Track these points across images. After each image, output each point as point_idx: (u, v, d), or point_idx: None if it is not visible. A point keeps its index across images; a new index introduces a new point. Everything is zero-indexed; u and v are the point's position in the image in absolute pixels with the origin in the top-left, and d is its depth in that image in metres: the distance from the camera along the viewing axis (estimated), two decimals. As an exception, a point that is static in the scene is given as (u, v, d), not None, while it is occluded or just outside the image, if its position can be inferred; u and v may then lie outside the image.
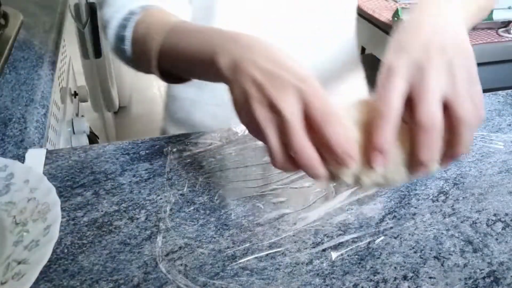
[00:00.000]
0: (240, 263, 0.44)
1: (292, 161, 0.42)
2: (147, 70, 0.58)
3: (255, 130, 0.43)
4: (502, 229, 0.49)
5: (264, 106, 0.41)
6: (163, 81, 0.59)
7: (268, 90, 0.41)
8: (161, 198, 0.52)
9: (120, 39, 0.62)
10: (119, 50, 0.63)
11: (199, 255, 0.45)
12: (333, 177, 0.42)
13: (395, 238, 0.47)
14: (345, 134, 0.40)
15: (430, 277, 0.43)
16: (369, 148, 0.41)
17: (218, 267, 0.43)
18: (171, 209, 0.50)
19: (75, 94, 1.24)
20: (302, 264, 0.44)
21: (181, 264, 0.44)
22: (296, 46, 0.73)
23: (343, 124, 0.40)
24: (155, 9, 0.61)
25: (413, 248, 0.46)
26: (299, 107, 0.40)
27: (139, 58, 0.60)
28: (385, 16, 1.52)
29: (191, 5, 0.71)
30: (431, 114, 0.39)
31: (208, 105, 0.77)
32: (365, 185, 0.43)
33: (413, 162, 0.42)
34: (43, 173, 0.55)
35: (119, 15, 0.62)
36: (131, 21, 0.60)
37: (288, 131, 0.40)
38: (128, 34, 0.60)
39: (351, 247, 0.46)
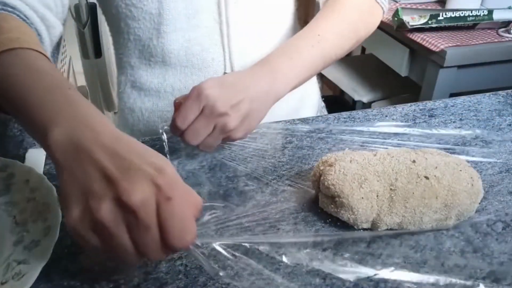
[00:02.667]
0: (240, 263, 0.44)
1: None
2: None
3: (98, 233, 0.35)
4: (502, 229, 0.49)
5: (112, 202, 0.34)
6: None
7: (119, 183, 0.34)
8: (161, 198, 0.52)
9: None
10: None
11: (199, 255, 0.45)
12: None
13: (395, 238, 0.47)
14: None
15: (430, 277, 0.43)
16: None
17: (218, 267, 0.43)
18: (171, 209, 0.50)
19: (75, 94, 1.23)
20: (302, 264, 0.44)
21: (181, 264, 0.44)
22: (240, 34, 0.70)
23: (194, 233, 0.37)
24: (10, 14, 0.50)
25: (413, 248, 0.46)
26: (154, 204, 0.34)
27: None
28: (385, 16, 1.52)
29: None
30: None
31: (168, 112, 0.74)
32: (381, 229, 0.47)
33: None
34: (44, 173, 0.55)
35: None
36: None
37: (143, 234, 0.35)
38: None
39: (351, 247, 0.46)
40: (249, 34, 0.70)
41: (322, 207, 0.49)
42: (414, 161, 0.48)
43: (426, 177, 0.46)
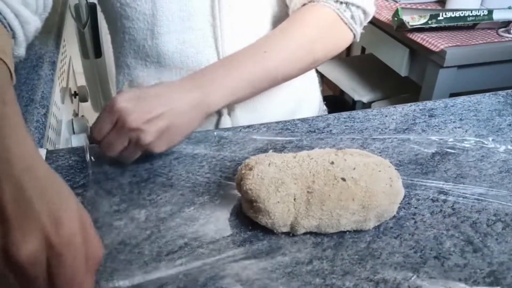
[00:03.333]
0: (240, 263, 0.44)
1: None
2: None
3: None
4: (502, 229, 0.49)
5: (1, 252, 0.32)
6: None
7: (12, 232, 0.32)
8: (161, 198, 0.52)
9: None
10: None
11: (199, 255, 0.45)
12: None
13: (395, 238, 0.47)
14: None
15: (430, 277, 0.43)
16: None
17: (218, 267, 0.43)
18: (171, 209, 0.50)
19: (75, 94, 1.24)
20: (302, 264, 0.44)
21: (181, 264, 0.44)
22: (232, 35, 0.70)
23: None
24: None
25: (413, 248, 0.46)
26: (43, 259, 0.33)
27: None
28: (385, 16, 1.52)
29: None
30: None
31: None
32: (299, 233, 0.47)
33: None
34: (43, 173, 0.55)
35: None
36: None
37: (30, 285, 0.34)
38: None
39: (351, 247, 0.46)
40: (243, 37, 0.70)
41: (245, 211, 0.49)
42: (332, 163, 0.47)
43: (343, 179, 0.46)
